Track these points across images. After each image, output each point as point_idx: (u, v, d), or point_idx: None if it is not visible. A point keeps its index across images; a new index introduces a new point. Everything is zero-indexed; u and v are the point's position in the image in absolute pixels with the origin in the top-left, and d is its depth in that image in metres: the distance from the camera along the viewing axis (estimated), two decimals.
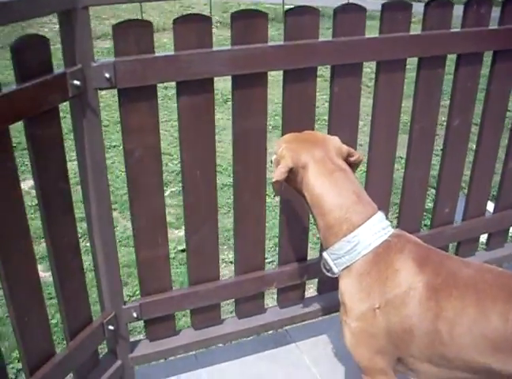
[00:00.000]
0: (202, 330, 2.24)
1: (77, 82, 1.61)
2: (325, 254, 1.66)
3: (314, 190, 1.60)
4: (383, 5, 1.98)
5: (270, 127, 5.95)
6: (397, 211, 2.45)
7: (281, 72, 1.94)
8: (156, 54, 1.72)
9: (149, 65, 1.71)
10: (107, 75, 1.66)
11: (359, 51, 1.97)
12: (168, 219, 4.37)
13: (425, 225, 3.14)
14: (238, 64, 1.82)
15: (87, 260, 2.35)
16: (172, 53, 1.75)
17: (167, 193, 4.87)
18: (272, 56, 1.86)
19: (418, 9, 2.22)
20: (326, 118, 2.11)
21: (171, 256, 3.82)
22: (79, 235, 1.88)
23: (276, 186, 1.63)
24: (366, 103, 2.44)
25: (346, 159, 1.69)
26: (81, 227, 2.54)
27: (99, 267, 1.95)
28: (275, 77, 2.56)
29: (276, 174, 1.61)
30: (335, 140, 1.69)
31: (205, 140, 1.91)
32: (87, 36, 1.62)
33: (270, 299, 2.93)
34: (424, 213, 2.52)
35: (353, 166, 1.72)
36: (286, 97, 1.97)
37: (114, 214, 4.44)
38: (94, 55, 1.66)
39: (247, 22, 1.81)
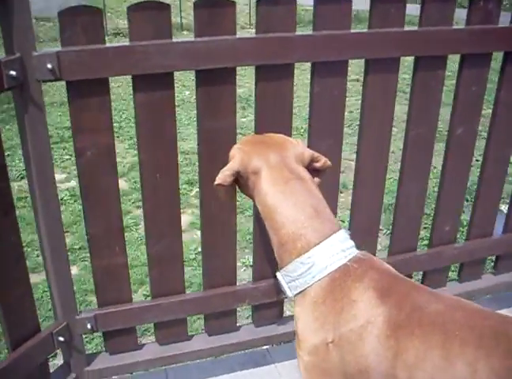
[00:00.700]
0: (168, 345, 2.08)
1: (13, 72, 1.46)
2: (278, 275, 1.46)
3: (266, 200, 1.40)
4: None
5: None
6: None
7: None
8: (107, 45, 1.56)
9: (98, 56, 1.55)
10: (49, 66, 1.50)
11: (343, 47, 1.76)
12: (191, 219, 4.30)
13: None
14: (201, 57, 1.64)
15: None
16: (126, 43, 1.58)
17: (192, 193, 4.74)
18: (240, 50, 1.67)
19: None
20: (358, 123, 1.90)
21: (191, 257, 3.71)
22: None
23: (220, 191, 1.44)
24: (403, 109, 2.19)
25: (310, 166, 1.48)
26: None
27: (49, 272, 1.80)
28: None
29: (219, 176, 1.42)
30: (296, 144, 1.49)
31: (165, 140, 1.74)
32: (26, 22, 1.47)
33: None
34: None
35: (320, 173, 1.51)
36: (258, 96, 1.78)
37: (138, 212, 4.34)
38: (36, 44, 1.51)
39: (212, 11, 1.62)
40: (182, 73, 8.21)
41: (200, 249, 3.65)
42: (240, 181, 1.44)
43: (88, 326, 1.88)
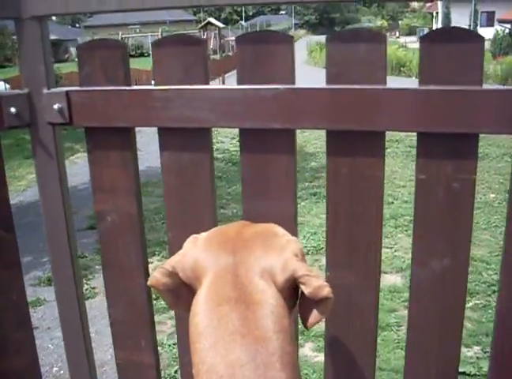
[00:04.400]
0: None
1: (13, 110, 1.26)
2: None
3: (191, 323, 0.85)
4: None
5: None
6: None
7: None
8: (122, 87, 1.24)
9: (111, 99, 1.24)
10: (57, 106, 1.26)
11: (471, 112, 1.07)
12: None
13: None
14: (242, 113, 1.17)
15: None
16: (143, 87, 1.24)
17: (469, 305, 3.92)
18: (300, 106, 1.14)
19: None
20: None
21: None
22: None
23: (161, 294, 0.93)
24: None
25: (294, 287, 0.86)
26: None
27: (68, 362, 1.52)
28: None
29: (153, 274, 0.92)
30: (277, 247, 0.88)
31: (195, 218, 1.30)
32: (38, 54, 1.26)
33: None
34: None
35: (320, 303, 0.86)
36: (330, 177, 1.21)
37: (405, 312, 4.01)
38: (52, 80, 1.28)
39: (260, 49, 1.16)
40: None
41: None
42: (183, 287, 0.92)
43: None
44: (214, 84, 1.14)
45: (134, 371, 1.48)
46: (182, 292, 0.91)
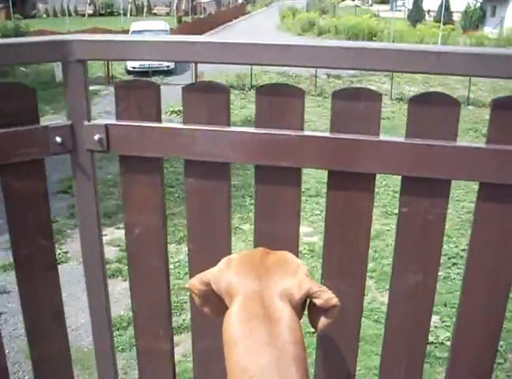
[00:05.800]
0: None
1: (58, 139, 1.46)
2: None
3: (225, 333, 1.11)
4: None
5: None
6: None
7: None
8: (155, 124, 1.45)
9: (145, 134, 1.46)
10: (97, 137, 1.46)
11: (448, 163, 1.33)
12: None
13: None
14: (258, 152, 1.41)
15: None
16: (173, 125, 1.45)
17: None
18: (306, 149, 1.38)
19: None
20: None
21: None
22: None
23: (195, 298, 1.20)
24: None
25: (307, 302, 1.14)
26: None
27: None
28: None
29: (192, 279, 1.18)
30: (293, 272, 1.15)
31: (216, 234, 1.54)
32: (80, 91, 1.46)
33: None
34: None
35: (328, 312, 1.13)
36: (329, 207, 1.46)
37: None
38: (90, 113, 1.48)
39: (276, 100, 1.38)
40: None
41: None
42: (216, 298, 1.18)
43: None
44: None
45: (152, 356, 1.74)
46: (210, 297, 1.17)
